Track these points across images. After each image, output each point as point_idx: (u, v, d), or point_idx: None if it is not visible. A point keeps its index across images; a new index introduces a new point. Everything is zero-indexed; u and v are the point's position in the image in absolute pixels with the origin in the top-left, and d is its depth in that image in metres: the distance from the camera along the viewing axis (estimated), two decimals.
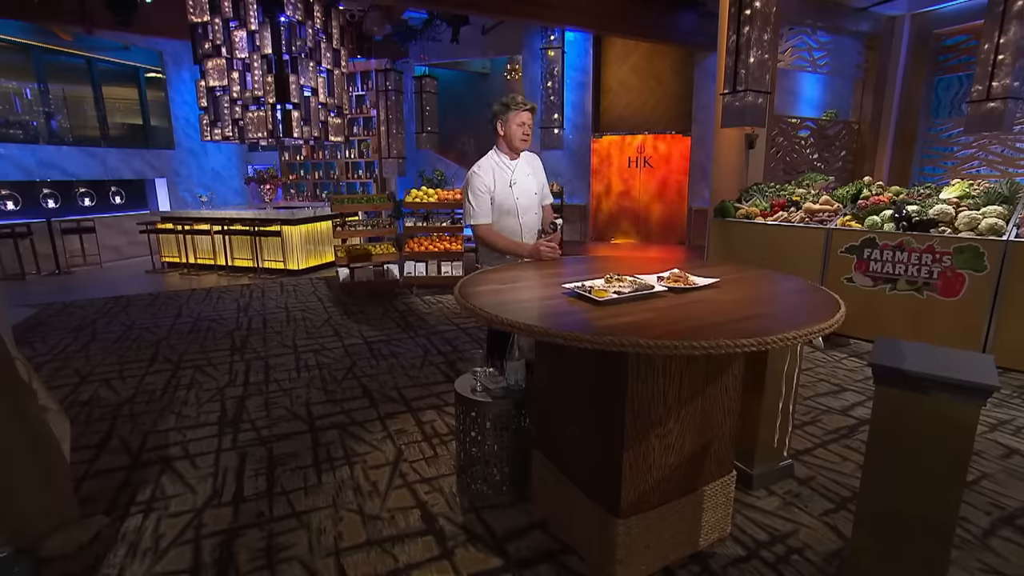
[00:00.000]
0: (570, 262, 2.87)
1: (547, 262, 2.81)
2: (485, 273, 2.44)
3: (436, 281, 6.43)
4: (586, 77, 9.41)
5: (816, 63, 6.67)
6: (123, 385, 3.86)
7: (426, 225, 6.47)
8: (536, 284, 2.21)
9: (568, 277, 2.35)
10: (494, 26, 10.15)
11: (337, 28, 8.11)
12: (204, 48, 7.40)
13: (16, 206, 8.70)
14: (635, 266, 2.66)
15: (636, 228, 9.96)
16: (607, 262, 2.78)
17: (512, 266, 2.67)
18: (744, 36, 5.63)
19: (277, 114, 7.34)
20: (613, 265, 2.64)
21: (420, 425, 3.27)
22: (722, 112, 5.84)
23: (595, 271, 2.50)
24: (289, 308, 5.93)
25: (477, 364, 2.50)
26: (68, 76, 9.59)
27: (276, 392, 3.75)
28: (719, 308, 1.84)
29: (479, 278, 2.33)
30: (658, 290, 1.99)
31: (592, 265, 2.68)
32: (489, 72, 12.42)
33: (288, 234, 7.91)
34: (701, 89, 8.85)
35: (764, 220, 5.20)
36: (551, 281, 2.25)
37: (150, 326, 5.32)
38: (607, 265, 2.64)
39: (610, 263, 2.73)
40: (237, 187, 11.57)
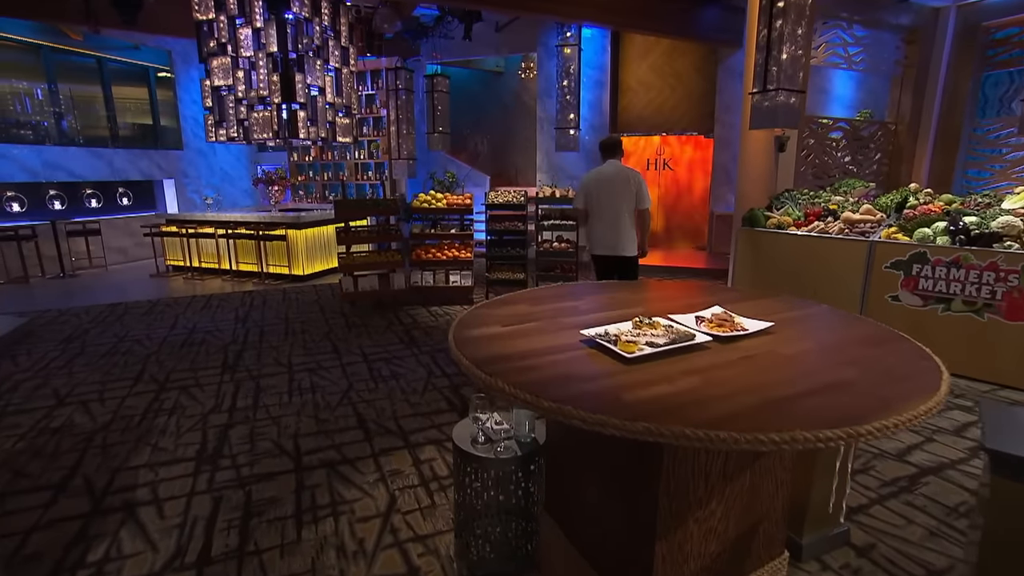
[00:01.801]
0: (590, 290, 2.47)
1: (563, 291, 2.41)
2: (489, 308, 2.06)
3: (444, 292, 6.07)
4: (603, 75, 8.97)
5: (851, 59, 6.17)
6: (101, 409, 3.55)
7: (434, 232, 6.10)
8: (548, 326, 1.81)
9: (587, 313, 1.95)
10: (508, 23, 9.75)
11: (346, 25, 7.77)
12: (209, 46, 7.12)
13: (22, 208, 8.51)
14: (665, 296, 2.26)
15: (655, 232, 9.49)
16: (631, 290, 2.38)
17: (523, 296, 2.28)
18: (776, 31, 5.18)
19: (283, 114, 7.03)
20: (637, 293, 2.25)
21: (417, 465, 2.91)
22: (750, 113, 5.38)
23: (618, 304, 2.10)
24: (289, 319, 5.61)
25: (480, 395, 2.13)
26: (78, 76, 9.40)
27: (263, 420, 3.41)
28: (781, 368, 1.43)
29: (481, 315, 1.95)
30: (700, 340, 1.59)
31: (616, 296, 2.27)
32: (503, 70, 12.02)
33: (293, 238, 7.60)
34: (725, 88, 8.36)
35: (798, 230, 4.75)
36: (567, 321, 1.85)
37: (142, 338, 5.03)
38: (632, 295, 2.25)
39: (634, 290, 2.34)
40: (246, 188, 11.33)
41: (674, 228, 9.36)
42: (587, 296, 2.25)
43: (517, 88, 11.79)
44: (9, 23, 8.42)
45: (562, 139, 8.54)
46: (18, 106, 8.79)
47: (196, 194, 10.43)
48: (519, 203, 5.87)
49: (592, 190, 4.20)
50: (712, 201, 8.72)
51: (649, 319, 1.70)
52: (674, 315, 1.83)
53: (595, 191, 4.19)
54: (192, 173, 10.47)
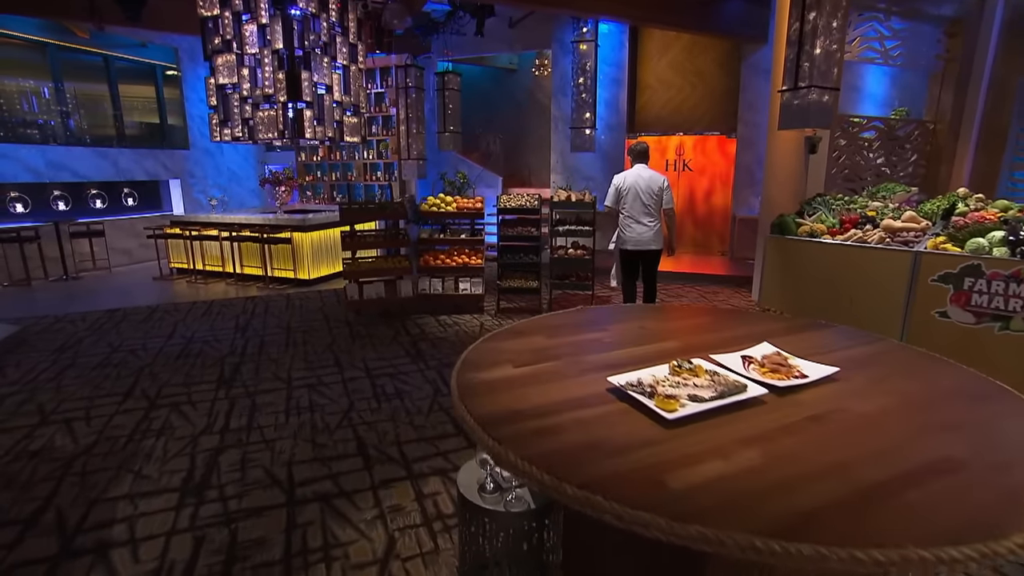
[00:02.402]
0: (614, 317, 2.20)
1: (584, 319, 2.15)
2: (500, 340, 1.80)
3: (453, 300, 5.83)
4: (621, 73, 8.67)
5: (888, 54, 5.82)
6: (86, 429, 3.36)
7: (443, 237, 5.86)
8: (569, 366, 1.55)
9: (613, 348, 1.69)
10: (522, 18, 9.48)
11: (354, 21, 7.56)
12: (214, 43, 6.95)
13: (26, 209, 8.42)
14: (700, 326, 1.98)
15: (681, 237, 9.18)
16: (660, 318, 2.11)
17: (538, 325, 2.01)
18: (809, 24, 4.87)
19: (289, 113, 6.83)
20: (668, 322, 1.98)
21: (420, 500, 2.67)
22: (779, 112, 5.07)
23: (648, 337, 1.83)
24: (291, 328, 5.40)
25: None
26: (84, 74, 9.30)
27: (257, 444, 3.19)
28: (861, 436, 1.16)
29: (490, 351, 1.69)
30: (753, 393, 1.32)
31: (644, 325, 2.00)
32: (516, 67, 11.75)
33: (299, 241, 7.41)
34: (749, 86, 8.03)
35: (832, 239, 4.44)
36: (591, 360, 1.59)
37: (137, 348, 4.84)
38: (662, 325, 1.98)
39: (664, 318, 2.07)
40: (253, 188, 11.19)
41: (694, 232, 9.04)
42: (612, 326, 1.98)
43: (531, 86, 11.52)
44: (16, 21, 8.33)
45: (577, 139, 8.26)
46: (24, 105, 8.71)
47: (202, 194, 10.30)
48: (532, 207, 5.61)
49: (624, 191, 4.74)
50: (734, 204, 8.39)
51: (689, 363, 1.44)
52: (716, 355, 1.56)
53: (627, 192, 4.73)
54: (199, 173, 10.34)
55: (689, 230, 9.09)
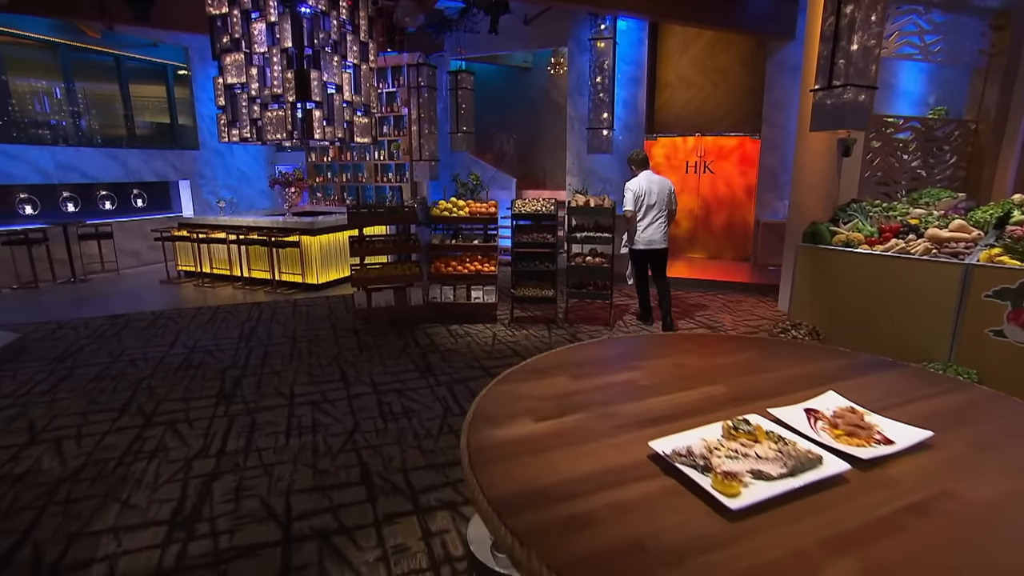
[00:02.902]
0: (647, 350, 1.95)
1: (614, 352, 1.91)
2: (518, 382, 1.57)
3: (465, 309, 5.61)
4: (640, 71, 8.39)
5: (928, 49, 5.50)
6: (75, 450, 3.18)
7: (455, 243, 5.64)
8: (601, 421, 1.31)
9: (650, 393, 1.45)
10: (537, 15, 9.23)
11: (365, 19, 7.37)
12: (222, 42, 6.80)
13: (35, 210, 8.36)
14: (748, 363, 1.73)
15: (694, 242, 8.89)
16: (700, 352, 1.86)
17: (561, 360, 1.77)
18: (846, 17, 4.57)
19: (297, 113, 6.65)
20: (709, 358, 1.72)
21: (427, 538, 2.44)
22: (812, 112, 4.78)
23: (689, 378, 1.59)
24: (296, 338, 5.22)
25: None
26: (95, 74, 9.24)
27: (254, 470, 2.99)
28: (979, 534, 0.91)
29: (506, 396, 1.46)
30: (831, 469, 1.07)
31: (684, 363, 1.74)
32: (531, 66, 11.50)
33: (307, 245, 7.24)
34: (774, 84, 7.70)
35: (871, 249, 4.14)
36: (626, 412, 1.35)
37: (138, 357, 4.69)
38: (703, 362, 1.73)
39: (703, 352, 1.82)
40: (263, 189, 11.07)
41: (715, 237, 8.73)
42: (644, 362, 1.73)
43: (546, 85, 11.26)
44: (28, 21, 8.27)
45: (594, 140, 8.00)
46: (37, 105, 8.66)
47: (212, 195, 10.20)
48: (549, 213, 5.36)
49: (641, 196, 5.18)
50: (758, 208, 8.07)
51: (746, 423, 1.19)
52: (774, 408, 1.31)
53: (644, 196, 5.18)
54: (208, 174, 10.24)
55: (710, 235, 8.78)
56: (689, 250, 8.94)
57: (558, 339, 5.16)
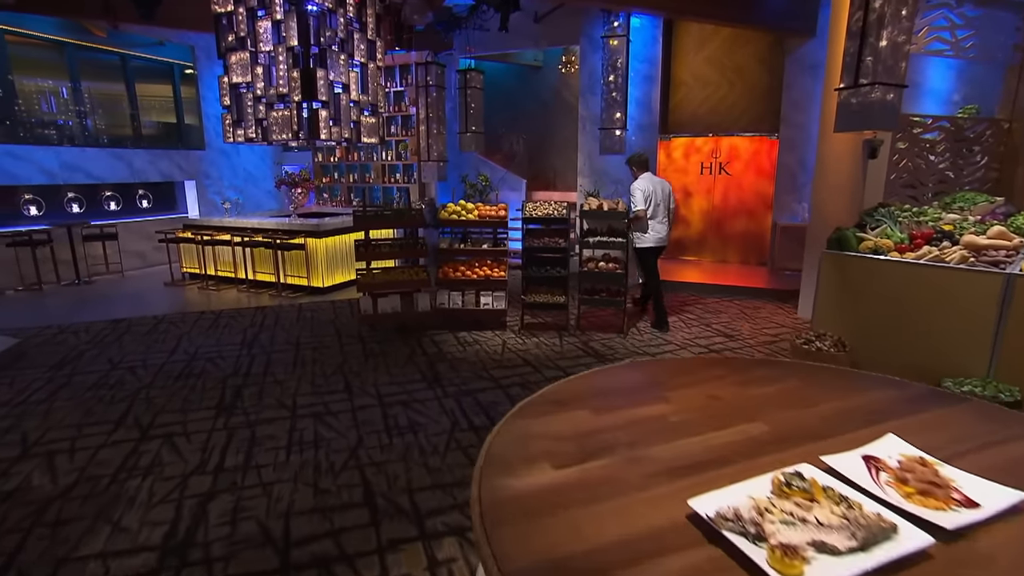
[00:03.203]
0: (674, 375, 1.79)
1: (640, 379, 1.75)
2: (534, 416, 1.41)
3: (474, 315, 5.47)
4: (654, 70, 8.20)
5: (959, 45, 5.29)
6: (68, 465, 3.07)
7: (463, 247, 5.50)
8: (630, 468, 1.16)
9: (684, 432, 1.30)
10: (548, 12, 9.08)
11: (372, 17, 7.24)
12: (227, 41, 6.70)
13: (40, 211, 8.31)
14: (787, 394, 1.57)
15: (709, 245, 8.69)
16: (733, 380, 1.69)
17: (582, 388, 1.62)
18: (875, 12, 4.38)
19: (303, 113, 6.54)
20: (743, 387, 1.57)
21: (433, 568, 2.30)
22: (836, 112, 4.59)
23: (725, 414, 1.43)
24: (300, 344, 5.10)
25: None
26: (102, 74, 9.20)
27: (252, 489, 2.86)
28: None
29: (522, 433, 1.31)
30: (910, 543, 0.91)
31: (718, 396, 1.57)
32: (542, 64, 11.34)
33: (312, 247, 7.14)
34: (794, 83, 7.50)
35: (901, 256, 3.96)
36: (658, 457, 1.20)
37: (137, 365, 4.58)
38: (737, 392, 1.57)
39: (736, 379, 1.66)
40: (270, 189, 11.00)
41: (730, 240, 8.53)
42: (672, 392, 1.57)
43: (557, 84, 11.10)
44: (35, 20, 8.24)
45: (607, 141, 7.82)
46: (44, 105, 8.63)
47: (218, 196, 10.13)
48: (561, 217, 5.21)
49: (649, 195, 5.33)
50: (776, 211, 7.86)
51: (800, 478, 1.03)
52: (828, 456, 1.15)
53: (652, 196, 5.34)
54: (214, 174, 10.17)
55: (725, 239, 8.58)
56: (704, 254, 8.74)
57: (570, 347, 5.00)
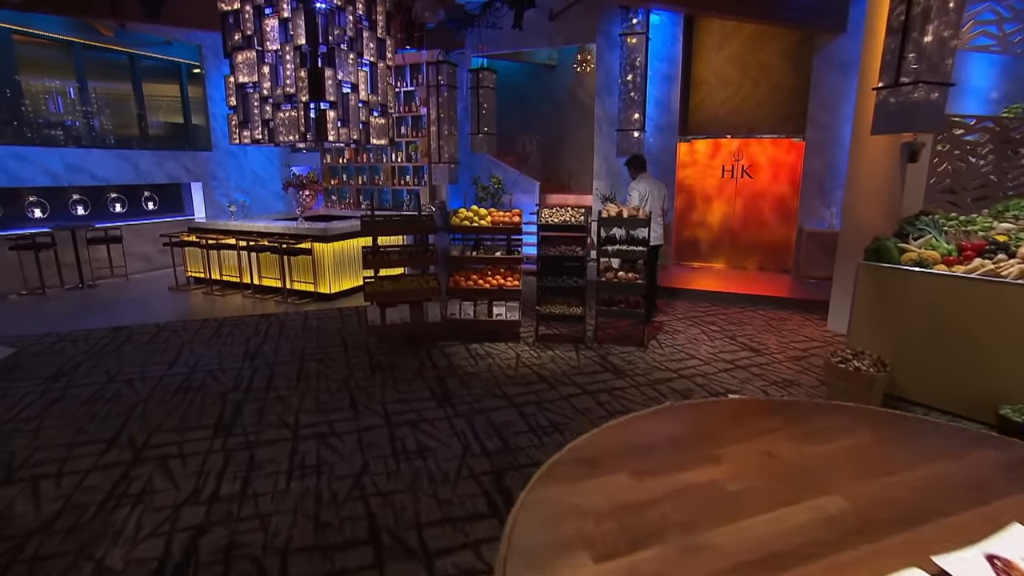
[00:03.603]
0: (719, 422, 1.56)
1: (685, 430, 1.53)
2: (566, 481, 1.19)
3: (486, 326, 5.26)
4: (673, 69, 7.96)
5: (1007, 40, 5.00)
6: (53, 491, 2.90)
7: (476, 255, 5.30)
8: (687, 562, 0.94)
9: (741, 505, 1.07)
10: (564, 9, 8.86)
11: (383, 14, 7.07)
12: (234, 39, 6.56)
13: (44, 214, 8.24)
14: (861, 451, 1.35)
15: (729, 251, 8.42)
16: (792, 433, 1.46)
17: (618, 441, 1.40)
18: (919, 6, 4.13)
19: (311, 114, 6.38)
20: (806, 442, 1.34)
21: None
22: (874, 113, 4.34)
23: (789, 480, 1.20)
24: (305, 356, 4.92)
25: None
26: (109, 73, 9.13)
27: (248, 521, 2.67)
28: None
29: (552, 507, 1.09)
30: None
31: (768, 442, 1.34)
32: (556, 63, 11.13)
33: (320, 252, 6.97)
34: (822, 82, 7.21)
35: (950, 270, 3.69)
36: (717, 545, 0.97)
37: (135, 377, 4.43)
38: (793, 449, 1.34)
39: (795, 430, 1.43)
40: (278, 191, 10.87)
41: (752, 246, 8.25)
42: (723, 449, 1.34)
43: (571, 83, 10.88)
44: (43, 20, 8.18)
45: (624, 142, 7.59)
46: (52, 106, 8.57)
47: (224, 197, 10.02)
48: (578, 224, 4.99)
49: (645, 195, 5.58)
50: (801, 216, 7.58)
51: None
52: (940, 555, 0.92)
53: (647, 196, 5.56)
54: (221, 175, 10.07)
55: (747, 245, 8.31)
56: (724, 260, 8.47)
57: (587, 362, 4.78)
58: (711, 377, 4.45)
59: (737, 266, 8.40)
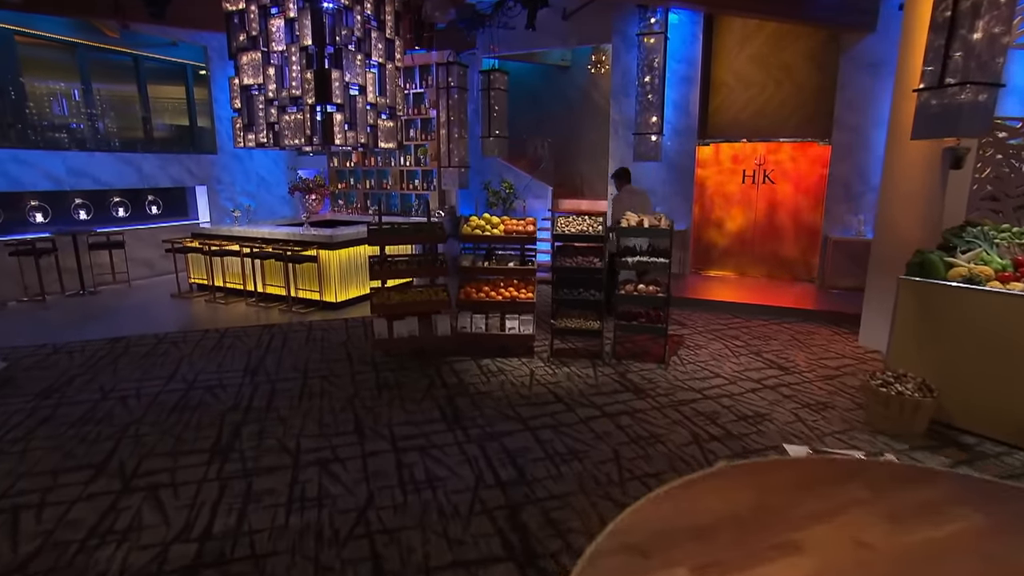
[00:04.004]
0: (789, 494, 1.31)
1: (746, 502, 1.29)
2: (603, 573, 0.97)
3: (498, 340, 5.04)
4: (692, 70, 7.71)
5: None
6: (34, 526, 2.71)
7: (487, 265, 5.08)
8: None
9: None
10: (577, 9, 8.65)
11: (391, 14, 6.89)
12: (239, 40, 6.41)
13: (45, 218, 8.12)
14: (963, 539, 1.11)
15: (749, 259, 8.16)
16: (881, 513, 1.23)
17: (665, 516, 1.17)
18: (968, 1, 3.88)
19: (317, 117, 6.21)
20: (894, 520, 1.11)
21: None
22: (915, 116, 4.08)
23: (886, 566, 0.97)
24: (308, 372, 4.72)
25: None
26: (113, 75, 9.03)
27: (242, 563, 2.46)
28: None
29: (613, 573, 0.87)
30: None
31: (857, 527, 1.10)
32: (569, 64, 10.91)
33: (325, 260, 6.79)
34: (849, 83, 6.95)
35: (1005, 288, 3.43)
36: None
37: (130, 394, 4.25)
38: (896, 539, 1.10)
39: (883, 511, 1.19)
40: (284, 195, 10.73)
41: (774, 255, 7.99)
42: (801, 530, 1.10)
43: (585, 85, 10.66)
44: (46, 21, 8.08)
45: (642, 146, 7.37)
46: (56, 108, 8.48)
47: (230, 201, 9.89)
48: (596, 234, 4.76)
49: (627, 205, 5.94)
50: (826, 223, 7.30)
51: None
52: None
53: (629, 205, 5.89)
54: (226, 179, 9.93)
55: (768, 253, 8.04)
56: (744, 268, 8.21)
57: (605, 380, 4.55)
58: (738, 398, 4.20)
59: (757, 275, 8.13)
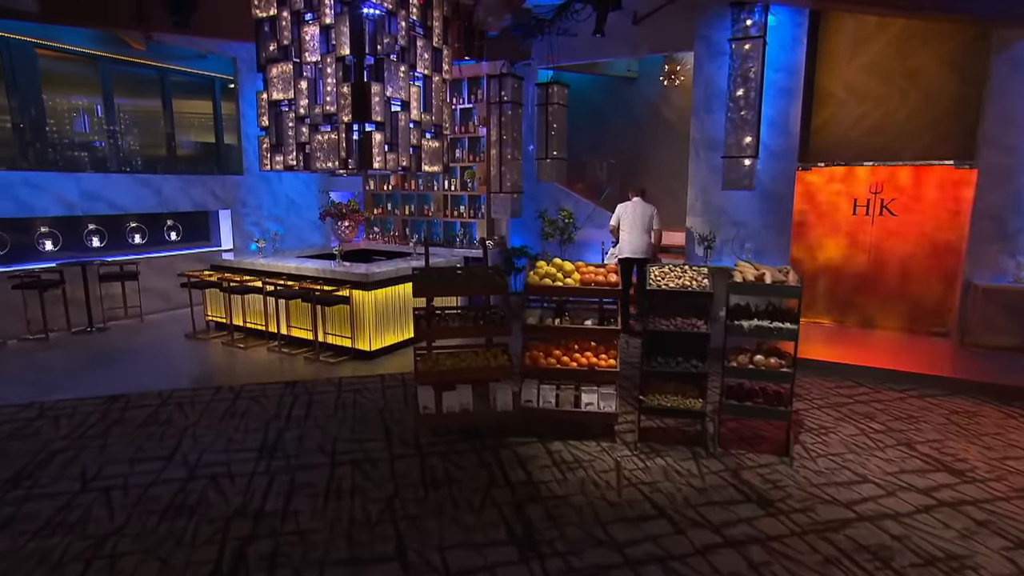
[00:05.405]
0: None
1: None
2: None
3: (571, 418, 4.20)
4: (793, 81, 6.81)
5: None
6: None
7: (559, 323, 4.27)
8: None
9: None
10: (652, 12, 7.89)
11: (439, 20, 6.28)
12: (269, 51, 5.88)
13: (55, 246, 7.75)
14: None
15: (858, 304, 7.11)
16: None
17: None
18: None
19: (354, 136, 5.58)
20: None
21: None
22: None
23: None
24: (337, 454, 3.97)
25: None
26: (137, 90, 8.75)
27: None
28: None
29: None
30: None
31: None
32: (636, 75, 10.14)
33: (359, 302, 6.12)
34: (1002, 91, 5.92)
35: None
36: None
37: (116, 484, 3.57)
38: None
39: None
40: (314, 219, 10.22)
41: (890, 300, 6.93)
42: None
43: (655, 99, 9.87)
44: (69, 33, 7.83)
45: (732, 172, 6.50)
46: (77, 125, 8.22)
47: (255, 226, 9.42)
48: (702, 289, 3.90)
49: (622, 215, 6.89)
50: (969, 266, 6.23)
51: None
52: None
53: (623, 215, 6.87)
54: (252, 202, 9.47)
55: (883, 298, 6.99)
56: (854, 317, 7.16)
57: (714, 479, 3.65)
58: (907, 522, 3.23)
59: (864, 322, 7.08)
